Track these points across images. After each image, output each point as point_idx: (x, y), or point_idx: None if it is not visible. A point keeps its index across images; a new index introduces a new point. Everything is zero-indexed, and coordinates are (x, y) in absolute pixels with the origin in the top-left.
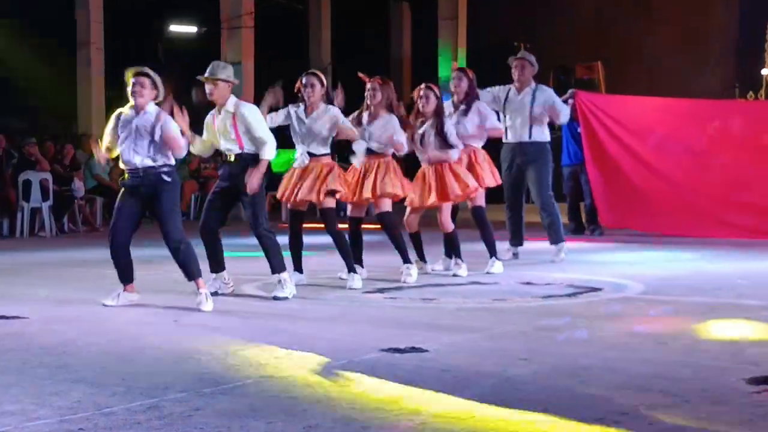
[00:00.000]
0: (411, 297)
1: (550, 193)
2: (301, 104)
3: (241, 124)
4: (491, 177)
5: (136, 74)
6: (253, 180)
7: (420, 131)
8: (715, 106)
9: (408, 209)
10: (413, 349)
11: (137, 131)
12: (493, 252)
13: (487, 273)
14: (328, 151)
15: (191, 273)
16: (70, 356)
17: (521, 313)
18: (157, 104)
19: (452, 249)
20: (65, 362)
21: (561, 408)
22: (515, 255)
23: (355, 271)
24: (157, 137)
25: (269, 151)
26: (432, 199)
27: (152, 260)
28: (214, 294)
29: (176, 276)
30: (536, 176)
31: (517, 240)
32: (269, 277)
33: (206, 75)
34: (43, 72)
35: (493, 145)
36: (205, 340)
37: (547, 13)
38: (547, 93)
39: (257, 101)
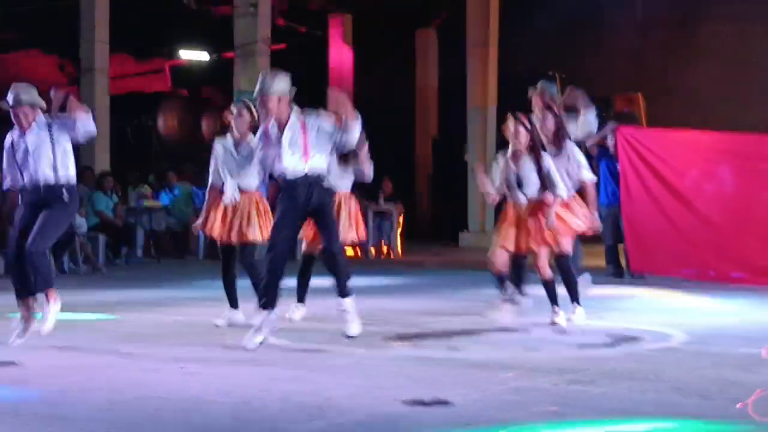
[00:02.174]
0: (436, 345)
1: None
2: (228, 136)
3: (312, 130)
4: (582, 221)
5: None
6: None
7: (514, 169)
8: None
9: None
10: (438, 402)
11: None
12: (575, 298)
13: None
14: (258, 184)
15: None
16: (69, 406)
17: (554, 364)
18: None
19: (549, 296)
20: (64, 413)
21: None
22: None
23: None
24: None
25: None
26: (531, 244)
27: (159, 304)
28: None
29: (182, 320)
30: None
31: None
32: (283, 322)
33: (258, 93)
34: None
35: None
36: (214, 389)
37: (583, 42)
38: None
39: None
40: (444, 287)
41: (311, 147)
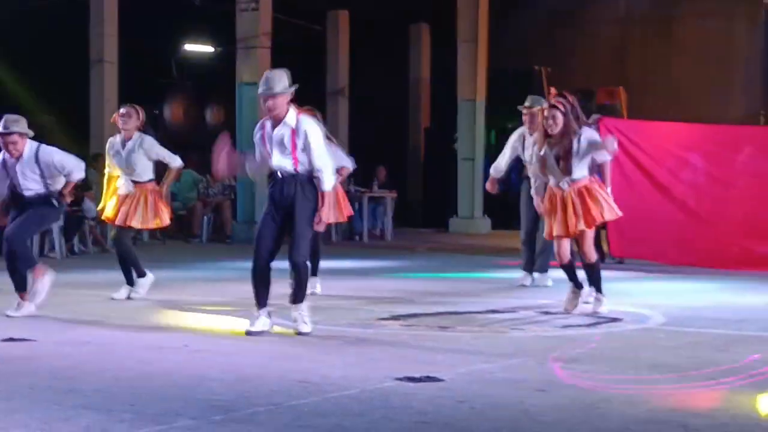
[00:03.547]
0: (427, 324)
1: None
2: (117, 135)
3: (300, 140)
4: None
5: None
6: (323, 213)
7: (548, 153)
8: (743, 133)
9: (555, 241)
10: (428, 379)
11: None
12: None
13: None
14: (152, 176)
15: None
16: (79, 381)
17: (539, 343)
18: None
19: (592, 281)
20: (73, 387)
21: None
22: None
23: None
24: None
25: (330, 179)
26: (581, 225)
27: (164, 284)
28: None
29: (185, 299)
30: None
31: (531, 266)
32: (279, 302)
33: (262, 90)
34: (55, 90)
35: None
36: (216, 365)
37: (568, 38)
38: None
39: None
40: (434, 270)
41: (299, 152)
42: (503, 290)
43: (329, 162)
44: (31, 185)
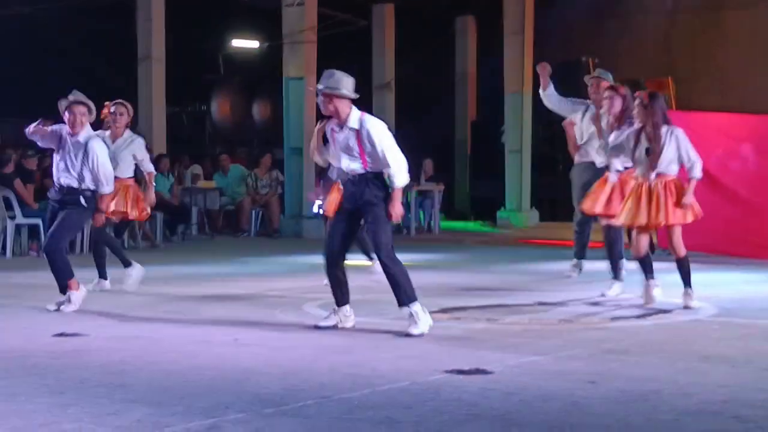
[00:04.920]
0: (475, 317)
1: None
2: (107, 131)
3: (366, 142)
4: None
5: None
6: (396, 209)
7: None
8: None
9: (634, 232)
10: (478, 371)
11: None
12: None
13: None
14: (132, 174)
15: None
16: (129, 375)
17: (588, 335)
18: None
19: (681, 275)
20: (124, 381)
21: None
22: (580, 269)
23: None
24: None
25: (401, 175)
26: (662, 219)
27: (213, 278)
28: (333, 327)
29: (234, 293)
30: None
31: (582, 254)
32: (330, 295)
33: (323, 87)
34: (103, 87)
35: None
36: (265, 359)
37: (615, 28)
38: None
39: (319, 117)
40: (482, 262)
41: (366, 154)
42: (551, 282)
43: (400, 158)
44: (70, 170)
